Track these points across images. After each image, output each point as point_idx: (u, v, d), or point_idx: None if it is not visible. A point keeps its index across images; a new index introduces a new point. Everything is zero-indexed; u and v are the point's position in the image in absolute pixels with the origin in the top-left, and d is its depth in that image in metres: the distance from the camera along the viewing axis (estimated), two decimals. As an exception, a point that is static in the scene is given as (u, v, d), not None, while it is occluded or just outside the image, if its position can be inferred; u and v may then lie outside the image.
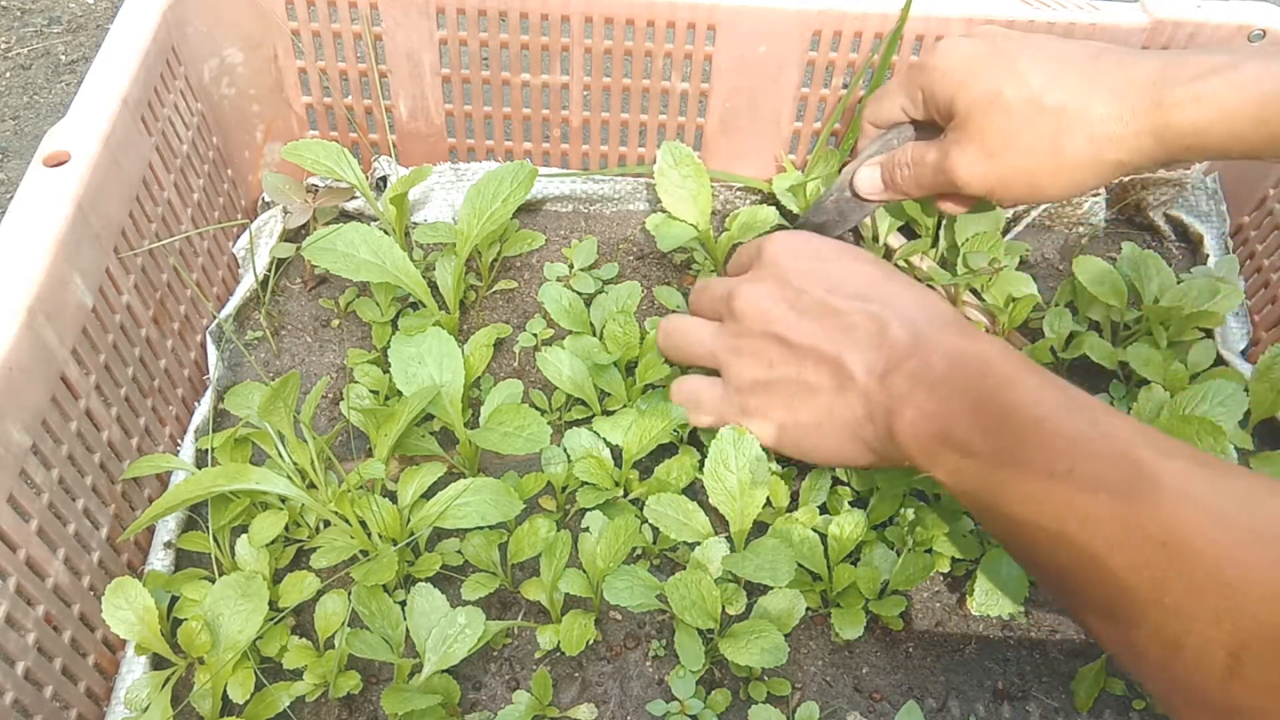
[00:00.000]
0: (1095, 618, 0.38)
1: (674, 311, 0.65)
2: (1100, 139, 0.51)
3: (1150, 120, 0.50)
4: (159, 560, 0.55)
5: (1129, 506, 0.36)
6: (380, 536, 0.53)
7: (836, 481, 0.58)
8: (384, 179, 0.74)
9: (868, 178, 0.61)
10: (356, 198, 0.73)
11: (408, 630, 0.50)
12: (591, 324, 0.65)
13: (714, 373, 0.56)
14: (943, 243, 0.68)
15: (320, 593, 0.53)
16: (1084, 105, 0.51)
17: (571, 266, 0.71)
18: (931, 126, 0.60)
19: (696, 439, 0.60)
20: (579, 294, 0.68)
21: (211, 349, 0.65)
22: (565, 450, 0.58)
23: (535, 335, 0.66)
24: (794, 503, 0.57)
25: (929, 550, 0.55)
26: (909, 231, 0.70)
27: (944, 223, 0.69)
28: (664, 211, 0.69)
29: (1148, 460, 0.37)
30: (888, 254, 0.69)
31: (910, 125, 0.61)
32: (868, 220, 0.70)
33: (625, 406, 0.60)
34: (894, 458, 0.48)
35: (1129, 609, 0.36)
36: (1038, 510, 0.39)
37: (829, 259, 0.53)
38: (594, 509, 0.56)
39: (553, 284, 0.66)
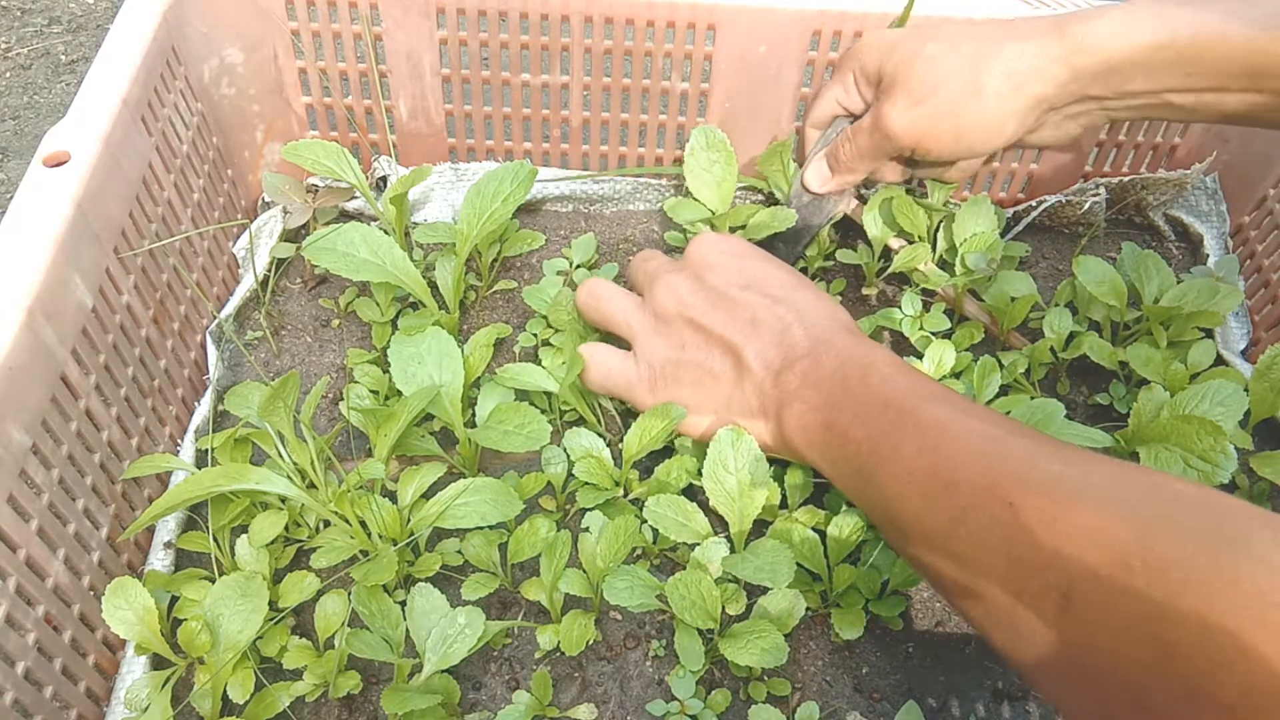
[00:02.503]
0: (950, 578, 0.42)
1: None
2: (1016, 73, 0.56)
3: (1059, 48, 0.55)
4: (159, 560, 0.55)
5: (983, 473, 0.41)
6: (380, 536, 0.53)
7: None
8: (384, 179, 0.74)
9: (815, 171, 0.66)
10: (356, 198, 0.73)
11: (408, 630, 0.50)
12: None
13: (625, 345, 0.59)
14: (941, 243, 0.68)
15: (320, 593, 0.53)
16: (996, 46, 0.56)
17: (571, 264, 0.71)
18: (864, 114, 0.63)
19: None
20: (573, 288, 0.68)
21: (211, 349, 0.65)
22: (565, 450, 0.58)
23: (535, 335, 0.66)
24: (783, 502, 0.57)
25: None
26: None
27: (942, 224, 0.69)
28: (688, 194, 0.70)
29: (1000, 437, 0.43)
30: (887, 255, 0.69)
31: (846, 118, 0.65)
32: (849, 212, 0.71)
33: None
34: (779, 448, 0.53)
35: (982, 562, 0.40)
36: (908, 483, 0.44)
37: (748, 259, 0.58)
38: (594, 509, 0.56)
39: (539, 284, 0.66)
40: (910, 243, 0.68)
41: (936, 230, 0.68)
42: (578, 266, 0.71)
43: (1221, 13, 0.52)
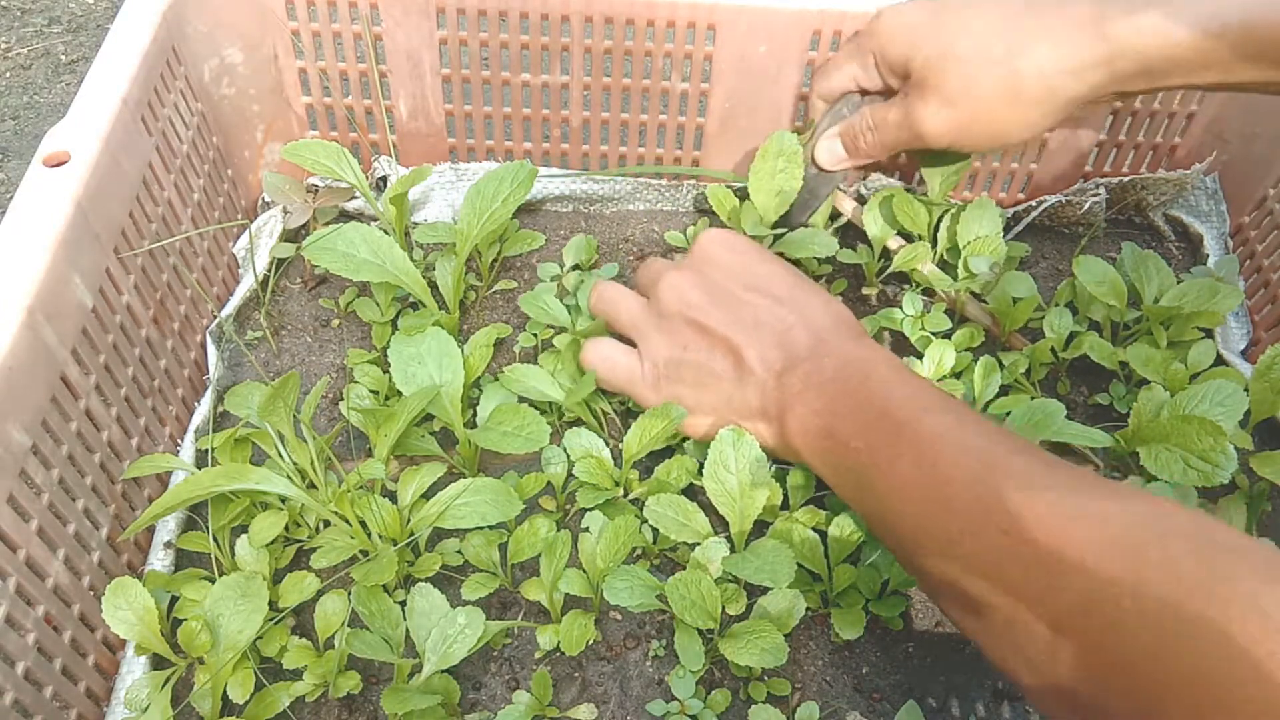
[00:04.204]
0: (945, 593, 0.42)
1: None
2: (1052, 75, 0.54)
3: (1096, 53, 0.53)
4: (159, 560, 0.55)
5: (979, 498, 0.41)
6: (380, 536, 0.53)
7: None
8: (384, 179, 0.74)
9: (828, 149, 0.65)
10: (356, 198, 0.73)
11: (408, 630, 0.50)
12: (573, 322, 0.64)
13: (631, 343, 0.59)
14: (943, 242, 0.68)
15: (320, 593, 0.53)
16: (1032, 47, 0.54)
17: (563, 266, 0.71)
18: (879, 93, 0.63)
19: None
20: (570, 290, 0.68)
21: (211, 349, 0.65)
22: (565, 450, 0.58)
23: (535, 335, 0.66)
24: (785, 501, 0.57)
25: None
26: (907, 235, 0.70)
27: (942, 222, 0.68)
28: (745, 194, 0.69)
29: (999, 456, 0.42)
30: (887, 255, 0.69)
31: (857, 94, 0.64)
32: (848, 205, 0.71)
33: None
34: (781, 450, 0.53)
35: (974, 587, 0.40)
36: (905, 498, 0.44)
37: (752, 259, 0.57)
38: (594, 509, 0.56)
39: (533, 290, 0.66)
40: (910, 242, 0.68)
41: (936, 229, 0.68)
42: (571, 269, 0.70)
43: None
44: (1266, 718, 0.30)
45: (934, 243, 0.68)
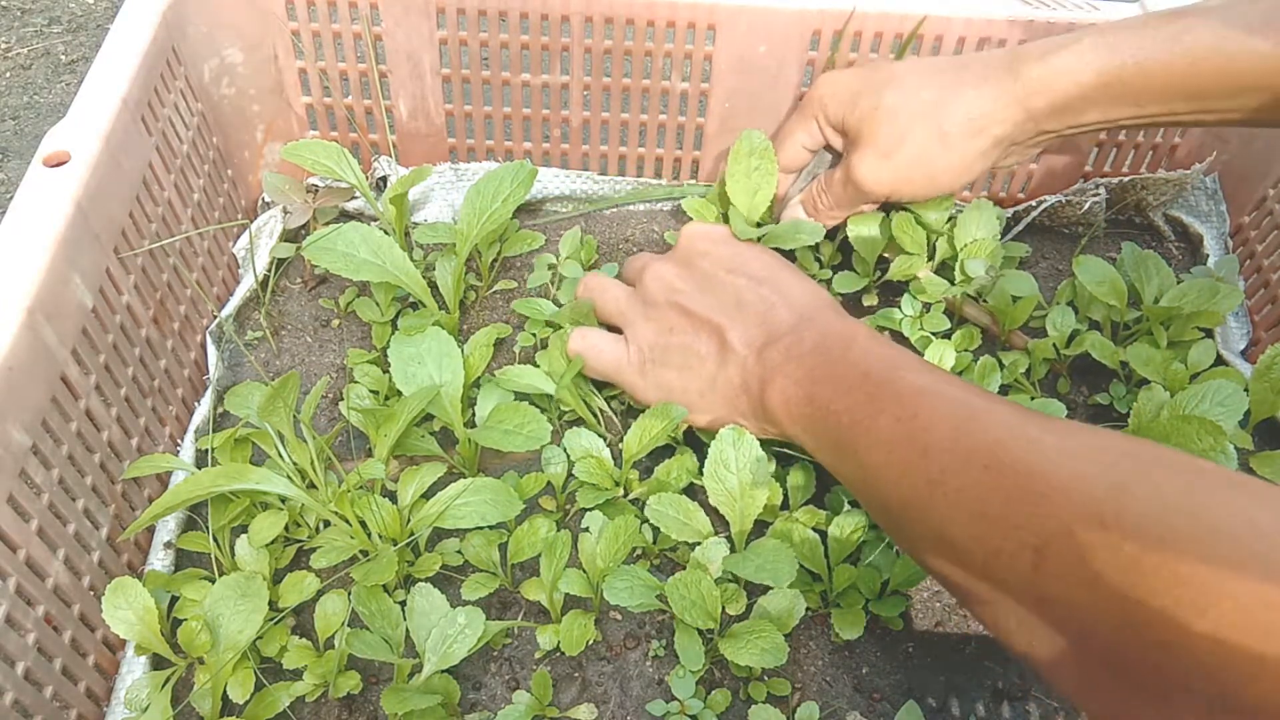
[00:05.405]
0: (929, 544, 0.43)
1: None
2: (976, 117, 0.58)
3: (1012, 93, 0.57)
4: (159, 560, 0.55)
5: (961, 439, 0.42)
6: (380, 536, 0.53)
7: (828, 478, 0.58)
8: (384, 179, 0.74)
9: (793, 216, 0.68)
10: (356, 198, 0.73)
11: (408, 630, 0.50)
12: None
13: (618, 332, 0.60)
14: (942, 249, 0.68)
15: (320, 593, 0.53)
16: (955, 93, 0.58)
17: (558, 256, 0.70)
18: (834, 150, 0.65)
19: (694, 441, 0.59)
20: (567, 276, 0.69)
21: (211, 349, 0.65)
22: (565, 450, 0.58)
23: (534, 335, 0.66)
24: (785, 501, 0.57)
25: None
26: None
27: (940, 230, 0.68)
28: (726, 198, 0.68)
29: (979, 405, 0.43)
30: (884, 264, 0.69)
31: (819, 155, 0.66)
32: None
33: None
34: (765, 426, 0.54)
35: (958, 526, 0.40)
36: (888, 452, 0.44)
37: (736, 247, 0.60)
38: (594, 509, 0.56)
39: (528, 297, 0.66)
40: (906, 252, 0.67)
41: (935, 240, 0.68)
42: (566, 259, 0.70)
43: (1163, 40, 0.53)
44: (1243, 615, 0.30)
45: (931, 252, 0.68)
